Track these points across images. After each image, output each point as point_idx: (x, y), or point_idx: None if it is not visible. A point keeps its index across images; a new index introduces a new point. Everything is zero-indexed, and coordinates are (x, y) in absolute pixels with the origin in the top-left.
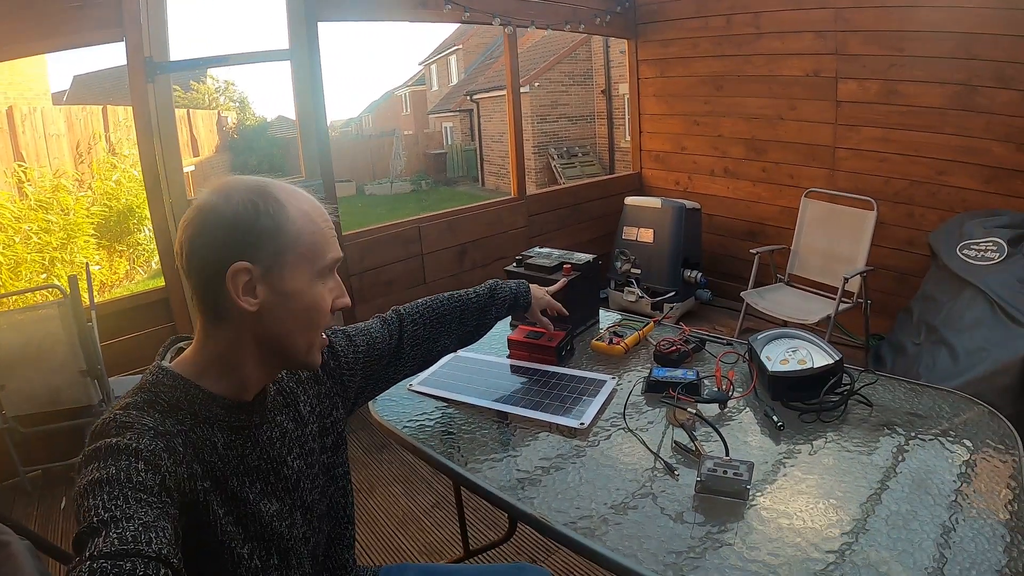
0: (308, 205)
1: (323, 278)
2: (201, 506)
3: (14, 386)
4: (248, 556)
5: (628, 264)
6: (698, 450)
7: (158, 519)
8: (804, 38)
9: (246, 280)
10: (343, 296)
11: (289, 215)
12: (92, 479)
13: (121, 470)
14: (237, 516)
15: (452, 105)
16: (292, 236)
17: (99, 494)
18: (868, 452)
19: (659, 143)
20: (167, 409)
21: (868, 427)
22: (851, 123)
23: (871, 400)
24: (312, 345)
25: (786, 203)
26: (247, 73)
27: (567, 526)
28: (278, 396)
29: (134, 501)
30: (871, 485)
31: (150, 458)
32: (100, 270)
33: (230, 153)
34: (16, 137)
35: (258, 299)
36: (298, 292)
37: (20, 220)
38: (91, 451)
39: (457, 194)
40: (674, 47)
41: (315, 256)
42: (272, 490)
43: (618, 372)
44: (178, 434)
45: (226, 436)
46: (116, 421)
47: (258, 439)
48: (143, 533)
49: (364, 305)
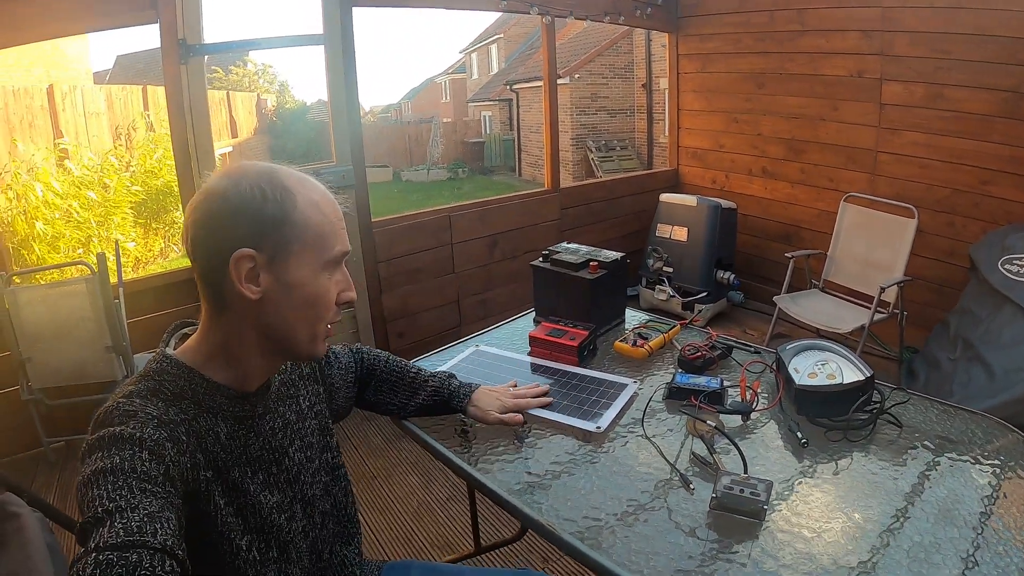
0: (318, 195)
1: (329, 270)
2: (203, 496)
3: (40, 359)
4: (247, 547)
5: (660, 262)
6: (716, 464)
7: (163, 509)
8: (849, 37)
9: (249, 267)
10: (349, 290)
11: (297, 204)
12: (96, 468)
13: (125, 460)
14: (237, 507)
15: (492, 94)
16: (299, 225)
17: (103, 484)
18: (894, 476)
19: (697, 140)
20: (171, 398)
21: (896, 449)
22: (894, 127)
23: (901, 420)
24: (315, 336)
25: (824, 206)
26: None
27: (574, 535)
28: (281, 387)
29: (138, 491)
30: (894, 511)
31: (154, 448)
32: (135, 247)
33: (268, 136)
34: (56, 115)
35: (261, 287)
36: (302, 282)
37: (62, 196)
38: (95, 440)
39: (494, 183)
40: (715, 42)
41: (322, 247)
42: (274, 481)
43: (640, 375)
44: (181, 423)
45: (229, 426)
46: (120, 409)
47: (260, 429)
48: (148, 524)
49: (391, 292)
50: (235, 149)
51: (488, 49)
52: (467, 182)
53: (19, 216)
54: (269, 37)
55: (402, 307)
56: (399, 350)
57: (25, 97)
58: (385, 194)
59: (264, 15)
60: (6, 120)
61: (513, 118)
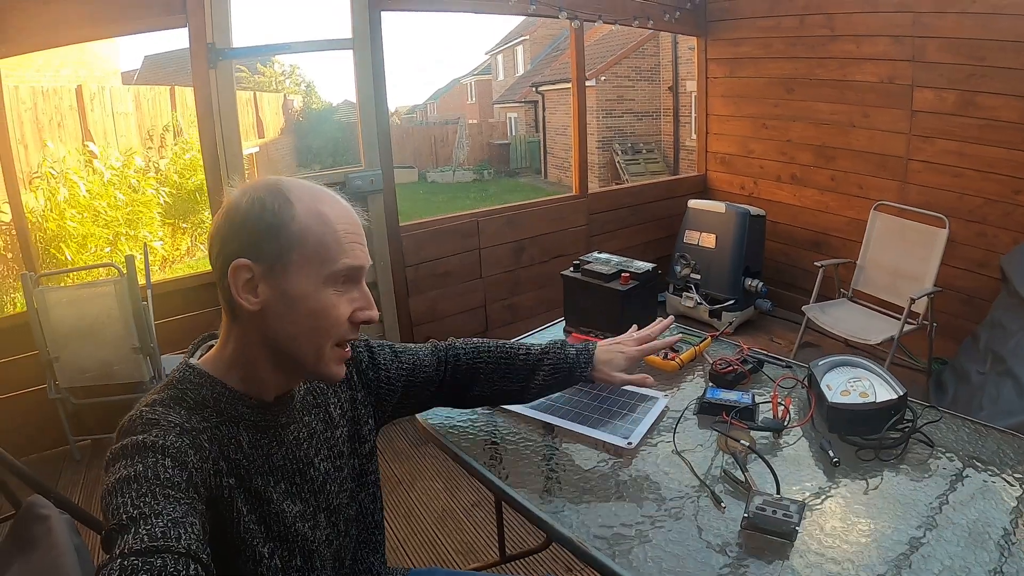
0: (326, 206)
1: (335, 284)
2: (225, 503)
3: (68, 358)
4: (268, 555)
5: (688, 269)
6: (749, 483)
7: (186, 515)
8: (880, 42)
9: (247, 278)
10: (367, 309)
11: (295, 213)
12: (120, 477)
13: (148, 467)
14: (260, 515)
15: (517, 96)
16: (296, 235)
17: (127, 491)
18: (925, 496)
19: (725, 145)
20: (193, 406)
21: (927, 468)
22: (926, 134)
23: (932, 439)
24: (320, 354)
25: (854, 214)
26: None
27: (603, 551)
28: (307, 396)
29: (162, 498)
30: (924, 533)
31: (176, 455)
32: (162, 246)
33: (295, 136)
34: (85, 115)
35: (259, 298)
36: (303, 295)
37: (91, 196)
38: (118, 449)
39: (519, 185)
40: (745, 46)
41: (323, 259)
42: (297, 491)
43: (671, 389)
44: (203, 431)
45: (251, 435)
46: (142, 418)
47: (284, 439)
48: (172, 529)
49: (418, 296)
50: (261, 150)
51: (514, 51)
52: (492, 184)
53: (49, 215)
54: (298, 41)
55: (430, 311)
56: None
57: (54, 97)
58: (411, 195)
59: (292, 18)
60: (35, 120)
61: (539, 120)
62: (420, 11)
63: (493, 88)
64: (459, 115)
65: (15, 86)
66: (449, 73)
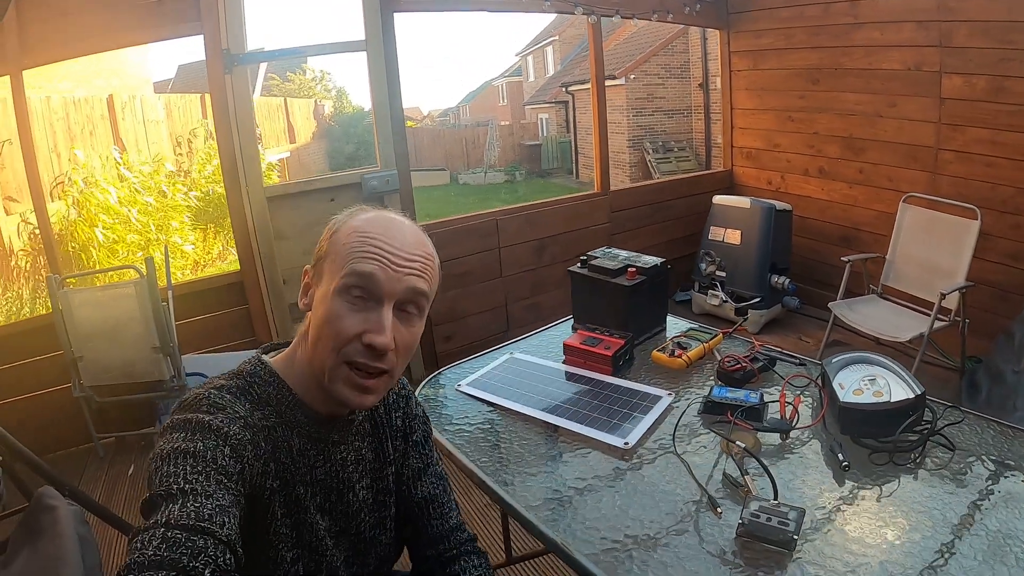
0: (370, 224)
1: (347, 295)
2: (263, 503)
3: (91, 357)
4: (291, 561)
5: (713, 266)
6: (747, 487)
7: (232, 505)
8: (905, 29)
9: (305, 282)
10: (375, 333)
11: (341, 227)
12: (177, 447)
13: (208, 448)
14: (294, 521)
15: (548, 96)
16: (336, 244)
17: (182, 463)
18: (942, 505)
19: (751, 139)
20: (257, 401)
21: (947, 474)
22: (956, 122)
23: (954, 442)
24: (327, 367)
25: (883, 208)
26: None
27: (590, 557)
28: (365, 423)
29: (215, 482)
30: (939, 545)
31: (236, 446)
32: (193, 250)
33: (326, 140)
34: (116, 123)
35: (306, 300)
36: (320, 300)
37: (121, 203)
38: (180, 421)
39: (550, 186)
40: (768, 38)
41: (342, 264)
42: (330, 508)
43: (677, 387)
44: (263, 429)
45: (301, 442)
46: (210, 399)
47: (331, 456)
48: (218, 515)
49: (439, 296)
50: (292, 154)
51: (544, 51)
52: (523, 185)
53: (79, 221)
54: (311, 45)
55: (449, 311)
56: (445, 353)
57: (85, 107)
58: (442, 197)
59: (311, 23)
60: (67, 129)
61: (569, 120)
62: (433, 11)
63: (524, 89)
64: (490, 117)
65: (47, 96)
66: (481, 75)
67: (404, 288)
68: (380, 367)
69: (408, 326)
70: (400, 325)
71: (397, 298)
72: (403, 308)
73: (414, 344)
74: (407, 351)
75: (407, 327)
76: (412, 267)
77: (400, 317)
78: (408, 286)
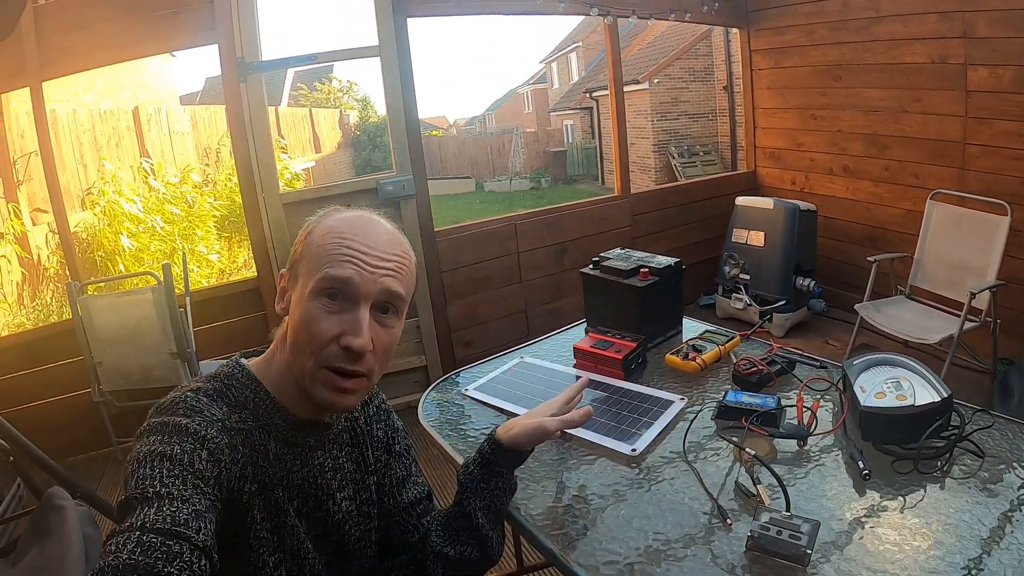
0: (344, 224)
1: (320, 298)
2: (242, 507)
3: (110, 362)
4: (274, 566)
5: (737, 269)
6: (759, 497)
7: (208, 510)
8: (928, 20)
9: (282, 286)
10: (352, 335)
11: (315, 228)
12: (154, 450)
13: (186, 452)
14: (275, 525)
15: (572, 103)
16: (310, 246)
17: (158, 467)
18: (970, 517)
19: (774, 139)
20: (234, 404)
21: (975, 484)
22: (983, 116)
23: (983, 449)
24: (306, 371)
25: (910, 206)
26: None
27: (589, 570)
28: (344, 433)
29: (191, 486)
30: (967, 562)
31: (214, 449)
32: (219, 259)
33: (352, 149)
34: (142, 135)
35: (283, 304)
36: (296, 303)
37: (146, 212)
38: (157, 424)
39: (576, 192)
40: (788, 35)
41: (316, 266)
42: (308, 513)
43: (691, 392)
44: (240, 432)
45: (278, 447)
46: (186, 403)
47: (308, 461)
48: (194, 520)
49: (457, 302)
50: (318, 163)
51: (567, 58)
52: (549, 191)
53: (106, 230)
54: (324, 51)
55: (468, 316)
56: (465, 358)
57: (111, 119)
58: (467, 204)
59: (331, 31)
60: (94, 141)
61: (594, 126)
62: (446, 15)
63: (549, 96)
64: (515, 125)
65: (74, 109)
66: (506, 83)
67: (379, 289)
68: (358, 370)
69: (386, 327)
70: (377, 326)
71: (373, 299)
72: (380, 309)
73: (392, 345)
74: (385, 353)
75: (384, 328)
76: (387, 268)
77: (377, 318)
78: (383, 287)
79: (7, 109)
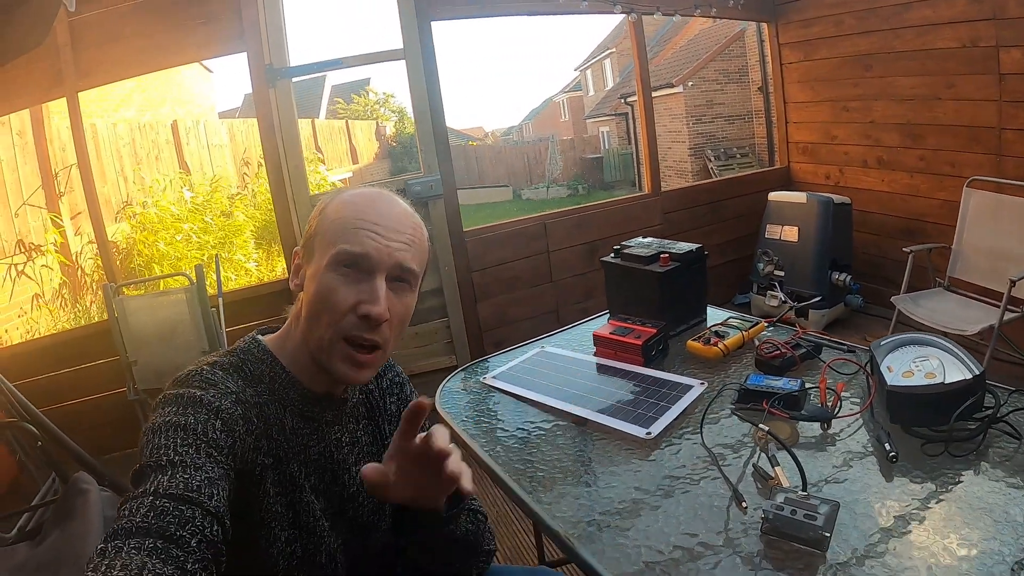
0: (359, 198)
1: (336, 268)
2: (254, 479)
3: (145, 361)
4: (286, 541)
5: (771, 265)
6: (777, 479)
7: (221, 479)
8: (957, 4)
9: (296, 262)
10: (370, 303)
11: (329, 205)
12: (169, 420)
13: (200, 422)
14: (290, 500)
15: (608, 109)
16: (324, 221)
17: (172, 436)
18: (1005, 501)
19: (806, 133)
20: (250, 378)
21: (1011, 467)
22: (1018, 99)
23: (1020, 431)
24: (324, 344)
25: (947, 195)
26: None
27: (594, 552)
28: (360, 406)
29: (205, 455)
30: (1003, 552)
31: (228, 420)
32: (256, 267)
33: (388, 160)
34: (180, 148)
35: (297, 280)
36: (313, 275)
37: (181, 220)
38: (172, 395)
39: (614, 197)
40: (817, 26)
41: (332, 241)
42: (325, 489)
43: (713, 377)
44: (254, 406)
45: (294, 421)
46: (202, 375)
47: (325, 436)
48: (207, 487)
49: (486, 301)
50: (355, 175)
51: (602, 64)
52: (586, 198)
53: (146, 236)
54: (350, 56)
55: (499, 316)
56: None
57: (151, 132)
58: (503, 213)
59: (360, 37)
60: (134, 154)
61: (630, 131)
62: (471, 17)
63: (585, 103)
64: (551, 133)
65: (114, 123)
66: (543, 92)
67: (394, 263)
68: (375, 340)
69: (400, 298)
70: (393, 296)
71: (388, 271)
72: (394, 280)
73: (407, 317)
74: (400, 323)
75: (400, 298)
76: (401, 241)
77: (393, 288)
78: (397, 260)
79: (49, 125)
